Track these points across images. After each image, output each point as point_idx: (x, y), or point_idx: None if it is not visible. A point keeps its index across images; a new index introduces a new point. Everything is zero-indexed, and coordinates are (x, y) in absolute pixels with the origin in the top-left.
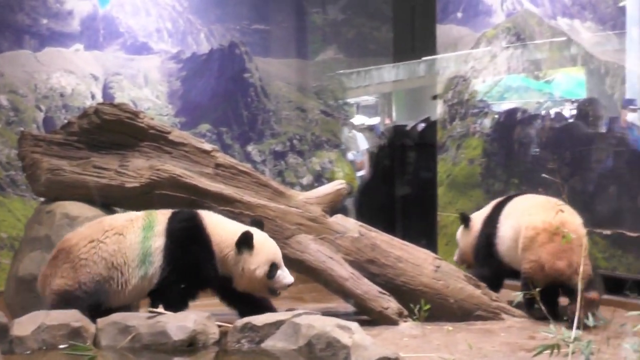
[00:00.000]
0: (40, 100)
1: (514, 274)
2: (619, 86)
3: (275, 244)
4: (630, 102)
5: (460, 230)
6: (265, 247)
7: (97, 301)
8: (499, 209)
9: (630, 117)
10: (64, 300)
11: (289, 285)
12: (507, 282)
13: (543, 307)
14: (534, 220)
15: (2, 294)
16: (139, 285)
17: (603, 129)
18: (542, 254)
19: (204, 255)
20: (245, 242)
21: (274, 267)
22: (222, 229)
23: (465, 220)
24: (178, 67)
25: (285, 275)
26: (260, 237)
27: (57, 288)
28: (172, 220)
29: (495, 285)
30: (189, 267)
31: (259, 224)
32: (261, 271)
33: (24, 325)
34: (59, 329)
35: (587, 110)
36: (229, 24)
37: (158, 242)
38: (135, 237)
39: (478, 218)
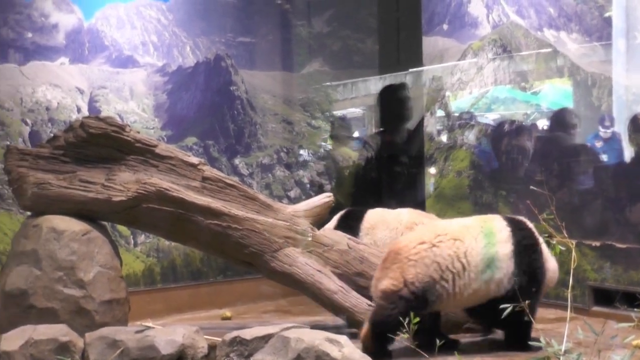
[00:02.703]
0: (25, 114)
1: None
2: (605, 97)
3: None
4: (603, 121)
5: None
6: None
7: (423, 302)
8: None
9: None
10: (389, 300)
11: None
12: None
13: None
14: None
15: None
16: (481, 289)
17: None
18: None
19: (541, 261)
20: None
21: None
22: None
23: None
24: (164, 80)
25: None
26: None
27: (383, 288)
28: (511, 226)
29: None
30: (536, 274)
31: None
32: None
33: (12, 341)
34: (47, 344)
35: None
36: (214, 37)
37: (506, 248)
38: (477, 243)
39: None
